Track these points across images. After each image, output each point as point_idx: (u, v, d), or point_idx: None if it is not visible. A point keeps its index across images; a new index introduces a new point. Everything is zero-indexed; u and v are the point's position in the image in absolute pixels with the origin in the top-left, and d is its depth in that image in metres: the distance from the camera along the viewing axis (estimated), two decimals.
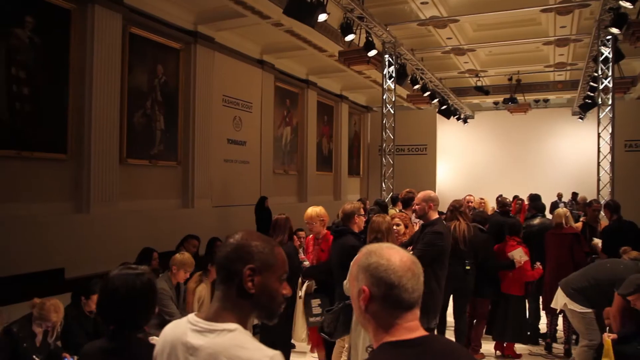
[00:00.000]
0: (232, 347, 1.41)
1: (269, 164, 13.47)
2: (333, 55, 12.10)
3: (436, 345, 1.45)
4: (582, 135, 17.45)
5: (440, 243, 4.27)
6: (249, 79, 12.62)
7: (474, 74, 16.53)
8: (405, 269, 1.44)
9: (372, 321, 1.45)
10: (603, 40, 10.24)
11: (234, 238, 1.54)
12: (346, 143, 18.58)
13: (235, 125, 12.12)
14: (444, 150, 20.26)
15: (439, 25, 12.10)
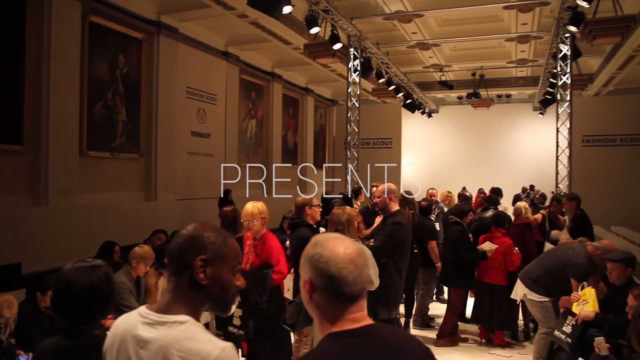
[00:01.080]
0: (182, 339, 1.39)
1: (233, 156, 13.36)
2: (298, 48, 12.06)
3: (382, 334, 1.44)
4: (542, 130, 17.87)
5: (400, 234, 4.33)
6: (214, 70, 12.47)
7: (438, 68, 16.73)
8: (347, 261, 1.41)
9: (316, 311, 1.45)
10: (562, 38, 10.48)
11: (186, 229, 1.53)
12: (312, 136, 18.58)
13: (199, 118, 11.97)
14: (409, 144, 20.47)
15: (404, 19, 12.20)
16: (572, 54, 10.56)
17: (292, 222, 4.63)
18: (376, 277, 3.91)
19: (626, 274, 4.31)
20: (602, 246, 4.72)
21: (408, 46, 14.37)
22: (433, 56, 15.52)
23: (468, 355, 5.99)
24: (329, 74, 15.76)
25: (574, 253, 4.91)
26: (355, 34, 11.13)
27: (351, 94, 11.72)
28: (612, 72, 14.71)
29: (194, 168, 11.70)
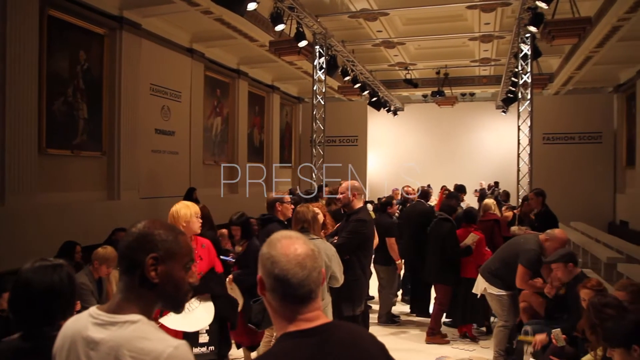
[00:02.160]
0: (134, 339, 1.37)
1: (198, 154, 13.23)
2: (264, 45, 12.01)
3: (338, 333, 1.44)
4: (504, 128, 18.26)
5: (364, 230, 4.37)
6: (178, 67, 12.30)
7: (403, 67, 16.89)
8: (294, 263, 1.41)
9: (271, 310, 1.46)
10: (522, 38, 10.73)
11: (136, 227, 1.51)
12: (278, 134, 18.53)
13: (163, 115, 11.80)
14: (375, 142, 20.62)
15: (369, 17, 12.27)
16: (532, 53, 10.82)
17: (263, 217, 4.62)
18: (341, 274, 3.93)
19: (569, 269, 4.41)
20: (552, 234, 4.86)
21: (373, 44, 14.47)
22: (398, 54, 15.66)
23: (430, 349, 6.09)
24: (295, 71, 15.75)
25: (525, 241, 5.09)
26: (321, 31, 11.15)
27: (317, 91, 11.74)
28: (570, 71, 15.10)
29: (158, 166, 11.53)
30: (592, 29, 10.79)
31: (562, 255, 4.47)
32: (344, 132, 18.93)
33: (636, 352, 2.62)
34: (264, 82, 17.28)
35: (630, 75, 15.75)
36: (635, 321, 2.77)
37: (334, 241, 4.42)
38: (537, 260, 4.83)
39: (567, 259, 4.42)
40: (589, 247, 10.60)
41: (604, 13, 10.39)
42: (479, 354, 5.90)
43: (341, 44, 12.55)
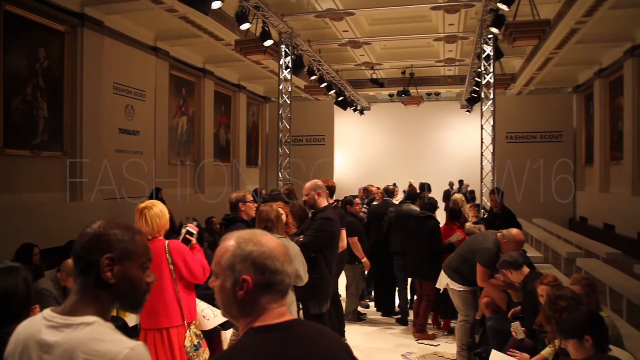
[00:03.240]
0: (89, 341, 1.35)
1: (163, 154, 13.06)
2: (230, 44, 11.92)
3: (302, 329, 1.46)
4: (469, 127, 18.53)
5: (329, 229, 4.39)
6: (142, 66, 12.12)
7: (369, 66, 17.00)
8: (284, 254, 1.45)
9: (243, 309, 1.44)
10: (485, 39, 10.91)
11: (91, 228, 1.49)
12: (244, 133, 18.43)
13: (127, 114, 11.62)
14: (342, 141, 20.70)
15: (335, 17, 12.31)
16: (494, 54, 11.01)
17: (227, 217, 4.58)
18: (305, 273, 3.95)
19: (513, 274, 4.51)
20: (508, 235, 4.97)
21: (340, 44, 14.52)
22: (364, 54, 15.75)
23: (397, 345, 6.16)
24: (261, 70, 15.70)
25: (483, 239, 5.21)
26: (287, 30, 11.14)
27: (282, 91, 11.73)
28: (532, 72, 15.45)
29: (123, 166, 11.33)
30: (551, 31, 11.07)
31: (501, 263, 4.58)
32: (311, 131, 18.96)
33: (588, 342, 2.71)
34: (230, 81, 17.17)
35: (588, 76, 16.23)
36: (587, 312, 2.86)
37: (300, 240, 4.43)
38: (494, 258, 4.93)
39: (504, 266, 4.53)
40: (550, 242, 10.86)
41: (562, 16, 10.67)
42: (444, 349, 5.99)
43: (307, 43, 12.56)
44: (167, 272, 3.32)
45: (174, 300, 3.32)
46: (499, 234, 5.10)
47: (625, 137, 13.19)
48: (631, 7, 10.39)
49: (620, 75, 13.55)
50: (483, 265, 4.98)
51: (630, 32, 12.35)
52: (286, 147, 11.81)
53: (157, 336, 3.26)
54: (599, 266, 8.04)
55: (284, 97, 11.77)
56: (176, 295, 3.32)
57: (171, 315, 3.30)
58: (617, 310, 6.63)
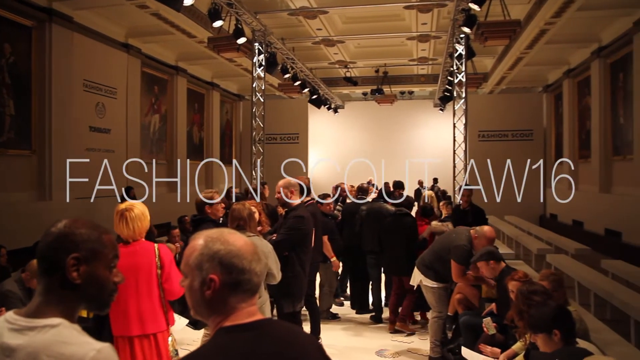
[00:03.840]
0: (54, 344, 1.31)
1: (136, 153, 12.87)
2: (203, 41, 11.82)
3: (274, 328, 1.46)
4: (442, 125, 18.73)
5: (302, 227, 4.39)
6: (113, 63, 11.93)
7: (343, 65, 17.04)
8: (252, 252, 1.44)
9: (212, 309, 1.42)
10: (457, 38, 11.05)
11: (56, 227, 1.45)
12: (218, 131, 18.30)
13: (98, 112, 11.42)
14: (316, 139, 20.71)
15: (309, 15, 12.30)
16: (466, 53, 11.17)
17: (194, 218, 4.54)
18: (278, 271, 3.94)
19: (491, 266, 4.58)
20: (480, 231, 5.05)
21: (313, 42, 14.52)
22: (338, 53, 15.78)
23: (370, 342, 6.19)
24: (235, 68, 15.59)
25: (456, 236, 5.27)
26: (260, 28, 11.10)
27: (256, 89, 11.68)
28: (503, 71, 15.69)
29: (94, 165, 11.13)
30: (521, 32, 11.25)
31: (481, 255, 4.64)
32: (285, 129, 18.92)
33: (556, 337, 2.76)
34: (204, 79, 17.03)
35: (557, 76, 16.56)
36: (556, 307, 2.92)
37: (273, 238, 4.42)
38: (468, 255, 5.00)
39: (486, 257, 4.59)
40: (521, 239, 11.04)
41: (532, 17, 10.86)
42: (417, 345, 6.04)
43: (281, 41, 12.53)
44: (156, 276, 3.26)
45: (160, 304, 3.27)
46: (471, 230, 5.17)
47: (592, 136, 13.49)
48: (597, 9, 10.64)
49: (588, 76, 13.86)
50: (457, 262, 5.04)
51: (597, 34, 12.64)
52: (260, 146, 11.76)
53: (146, 342, 3.19)
54: (568, 262, 8.21)
55: (258, 95, 11.73)
56: (161, 300, 3.28)
57: (158, 320, 3.25)
58: (585, 304, 6.78)
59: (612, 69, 12.64)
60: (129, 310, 3.18)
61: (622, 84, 12.08)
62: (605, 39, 12.55)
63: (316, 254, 5.40)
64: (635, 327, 5.49)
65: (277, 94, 18.64)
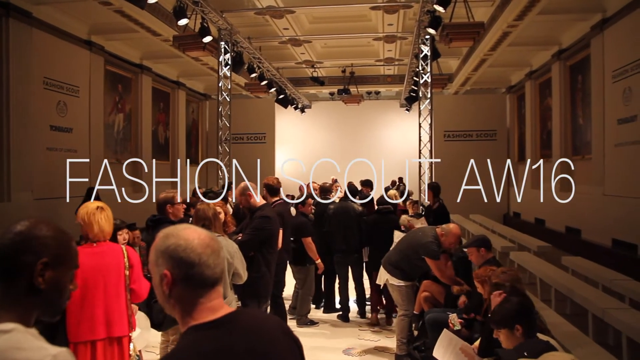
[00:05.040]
0: (6, 350, 1.25)
1: (99, 152, 12.61)
2: (168, 39, 11.65)
3: (243, 321, 1.45)
4: (408, 125, 18.90)
5: (268, 227, 4.38)
6: (75, 60, 11.64)
7: (310, 64, 17.05)
8: (204, 245, 1.42)
9: (176, 306, 1.43)
10: (423, 39, 11.17)
11: (19, 228, 1.39)
12: (184, 131, 18.08)
13: (59, 111, 11.14)
14: (283, 139, 20.68)
15: (275, 15, 12.26)
16: (432, 54, 11.30)
17: (153, 219, 4.42)
18: (244, 271, 3.92)
19: (481, 254, 4.66)
20: (447, 229, 5.13)
21: (280, 42, 14.49)
22: (305, 52, 15.78)
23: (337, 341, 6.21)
24: (201, 67, 15.42)
25: (423, 234, 5.35)
26: (226, 27, 11.01)
27: (222, 88, 11.59)
28: (468, 73, 15.94)
29: (55, 165, 10.85)
30: (485, 34, 11.46)
31: (475, 240, 4.73)
32: (252, 129, 18.84)
33: (518, 332, 2.83)
34: (169, 78, 16.80)
35: (520, 77, 16.93)
36: (518, 302, 2.99)
37: (238, 238, 4.39)
38: (438, 249, 5.08)
39: (478, 243, 4.66)
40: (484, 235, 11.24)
41: (495, 19, 11.07)
42: (384, 343, 6.09)
43: (247, 40, 12.46)
44: (124, 277, 3.20)
45: (126, 307, 3.21)
46: (438, 228, 5.24)
47: (553, 136, 13.84)
48: (558, 13, 10.94)
49: (549, 78, 14.21)
50: (432, 258, 5.10)
51: (557, 37, 12.99)
52: (226, 145, 11.68)
53: (109, 347, 3.10)
54: (530, 259, 8.41)
55: (224, 95, 11.64)
56: (127, 303, 3.22)
57: (124, 323, 3.19)
58: (546, 300, 6.94)
59: (572, 71, 13.00)
60: (95, 312, 3.10)
61: (580, 85, 12.44)
62: (565, 42, 12.90)
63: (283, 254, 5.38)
64: (593, 321, 5.66)
65: (243, 93, 18.53)
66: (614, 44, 10.30)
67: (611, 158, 10.36)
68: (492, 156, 17.51)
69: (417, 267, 5.30)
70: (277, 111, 19.33)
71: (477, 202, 16.31)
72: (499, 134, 18.06)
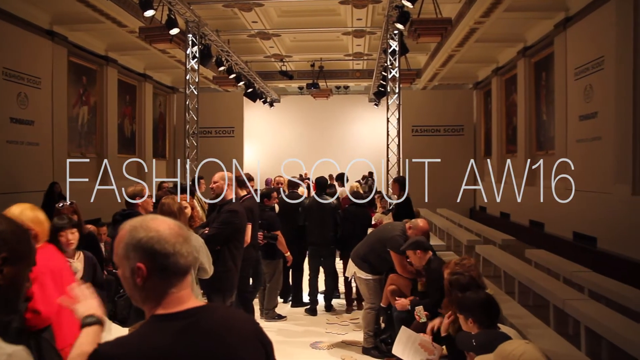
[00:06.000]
0: None
1: (62, 146, 12.31)
2: (134, 31, 11.42)
3: (208, 318, 1.44)
4: (377, 120, 19.01)
5: (235, 221, 4.35)
6: (37, 51, 11.33)
7: (279, 58, 16.99)
8: (176, 234, 1.43)
9: (147, 297, 1.42)
10: (391, 35, 11.24)
11: None
12: (151, 125, 17.80)
13: (20, 103, 10.83)
14: (252, 133, 20.59)
15: (244, 8, 12.16)
16: (400, 49, 11.38)
17: (123, 213, 4.37)
18: (210, 266, 3.89)
19: (417, 255, 4.70)
20: (415, 223, 5.18)
21: (249, 35, 14.39)
22: (274, 46, 15.72)
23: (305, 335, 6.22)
24: (168, 60, 15.19)
25: (391, 228, 5.42)
26: (194, 19, 10.87)
27: (190, 81, 11.46)
28: (436, 68, 16.11)
29: (16, 159, 10.56)
30: (453, 30, 11.60)
31: (409, 244, 4.77)
32: (220, 123, 18.67)
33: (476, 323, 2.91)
34: (135, 71, 16.51)
35: (486, 73, 17.20)
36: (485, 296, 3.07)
37: (205, 232, 4.35)
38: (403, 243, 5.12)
39: (412, 246, 4.72)
40: (452, 231, 11.40)
41: (462, 16, 11.22)
42: (351, 337, 6.12)
43: (215, 33, 12.33)
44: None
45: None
46: (407, 223, 5.29)
47: (518, 131, 14.11)
48: (523, 10, 11.15)
49: (515, 74, 14.47)
50: (397, 253, 5.13)
51: (523, 34, 13.24)
52: (194, 139, 11.55)
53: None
54: (495, 252, 8.56)
55: (191, 88, 11.51)
56: None
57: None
58: (510, 292, 7.08)
59: (536, 68, 13.27)
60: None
61: (544, 82, 12.70)
62: (530, 39, 13.15)
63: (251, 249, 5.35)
64: (554, 311, 5.80)
65: (212, 86, 18.35)
66: (576, 42, 10.56)
67: (573, 153, 10.63)
68: (459, 151, 17.80)
69: (385, 261, 5.33)
70: (246, 105, 19.20)
71: (445, 196, 16.55)
72: (466, 129, 18.31)
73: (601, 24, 9.43)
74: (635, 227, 8.02)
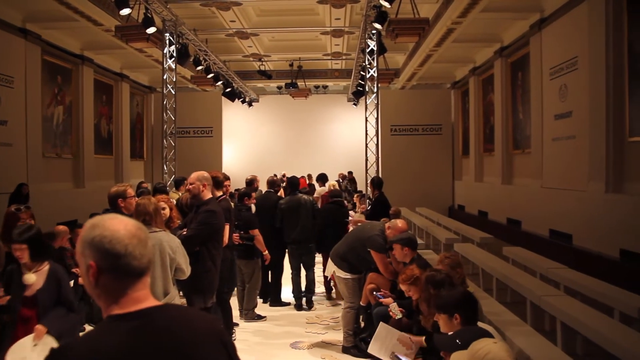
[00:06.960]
0: None
1: (37, 146, 12.08)
2: (110, 30, 11.26)
3: (160, 318, 1.42)
4: (355, 119, 19.08)
5: (214, 222, 4.32)
6: (9, 50, 11.08)
7: (257, 58, 16.91)
8: (130, 236, 1.41)
9: (102, 295, 1.41)
10: (369, 34, 11.27)
11: None
12: (128, 125, 17.58)
13: None
14: (231, 133, 20.49)
15: (222, 7, 12.07)
16: (378, 49, 11.41)
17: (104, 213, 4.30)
18: (187, 267, 3.85)
19: (404, 252, 4.75)
20: (394, 224, 5.22)
21: (227, 34, 14.30)
22: (252, 45, 15.64)
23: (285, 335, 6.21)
24: (145, 59, 15.00)
25: (370, 227, 5.45)
26: (171, 18, 10.77)
27: (167, 81, 11.35)
28: (414, 68, 16.19)
29: None
30: (430, 30, 11.67)
31: (401, 238, 4.81)
32: (199, 123, 18.53)
33: (457, 320, 2.91)
34: (112, 70, 16.29)
35: (464, 73, 17.35)
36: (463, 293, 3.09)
37: (183, 233, 4.31)
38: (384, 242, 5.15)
39: (403, 242, 4.75)
40: (430, 229, 11.48)
41: (440, 16, 11.29)
42: (331, 336, 6.12)
43: (193, 32, 12.22)
44: None
45: None
46: (386, 223, 5.31)
47: (495, 130, 14.27)
48: (499, 11, 11.27)
49: (492, 74, 14.63)
50: (378, 252, 5.15)
51: (499, 35, 13.39)
52: (171, 139, 11.45)
53: None
54: (473, 250, 8.64)
55: (169, 88, 11.41)
56: None
57: None
58: (488, 289, 7.16)
59: (513, 68, 13.43)
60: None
61: (521, 82, 12.86)
62: (507, 39, 13.30)
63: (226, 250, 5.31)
64: (531, 308, 5.87)
65: (190, 86, 18.19)
66: (551, 43, 10.71)
67: (548, 152, 10.78)
68: (437, 150, 17.95)
69: (364, 260, 5.35)
70: (224, 105, 19.09)
71: (424, 195, 16.67)
72: (444, 129, 18.45)
73: (575, 25, 9.59)
74: (609, 224, 8.17)
